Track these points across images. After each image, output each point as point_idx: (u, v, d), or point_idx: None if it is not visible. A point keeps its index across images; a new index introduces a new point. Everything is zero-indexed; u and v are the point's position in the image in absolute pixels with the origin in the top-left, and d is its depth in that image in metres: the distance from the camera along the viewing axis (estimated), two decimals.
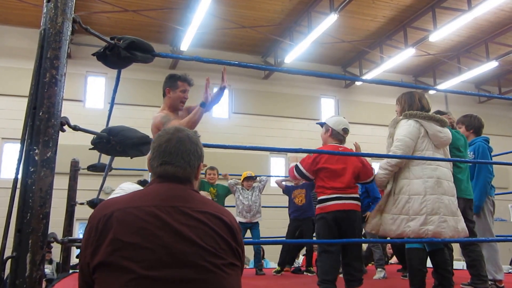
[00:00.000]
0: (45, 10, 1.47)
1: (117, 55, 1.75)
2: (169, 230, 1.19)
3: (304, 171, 3.07)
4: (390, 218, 2.75)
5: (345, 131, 3.24)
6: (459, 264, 5.93)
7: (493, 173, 3.58)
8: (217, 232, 1.25)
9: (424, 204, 2.64)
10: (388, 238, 3.11)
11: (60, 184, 3.26)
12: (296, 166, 3.12)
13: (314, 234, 3.65)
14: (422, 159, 2.75)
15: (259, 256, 5.38)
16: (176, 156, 1.35)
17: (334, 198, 2.96)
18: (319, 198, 3.10)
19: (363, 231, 5.27)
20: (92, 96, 10.91)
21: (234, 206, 5.41)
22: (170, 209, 1.23)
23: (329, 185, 2.99)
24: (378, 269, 4.63)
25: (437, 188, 2.67)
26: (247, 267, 6.75)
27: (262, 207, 5.50)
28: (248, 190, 5.40)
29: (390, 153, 2.82)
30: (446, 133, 2.86)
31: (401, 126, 2.86)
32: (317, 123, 3.43)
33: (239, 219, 5.24)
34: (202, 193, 5.12)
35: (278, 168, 11.83)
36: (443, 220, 2.62)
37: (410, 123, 2.83)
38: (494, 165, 3.71)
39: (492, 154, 4.05)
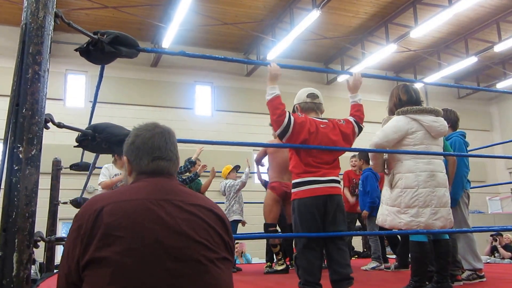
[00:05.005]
0: (25, 4, 1.43)
1: (101, 50, 1.72)
2: (161, 224, 1.16)
3: None
4: (386, 209, 2.82)
5: (312, 96, 2.95)
6: None
7: (469, 167, 3.59)
8: (210, 225, 1.23)
9: (416, 197, 2.68)
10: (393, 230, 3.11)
11: (42, 184, 3.18)
12: None
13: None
14: (401, 152, 2.78)
15: None
16: (166, 150, 1.34)
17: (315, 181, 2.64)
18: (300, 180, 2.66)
19: (356, 223, 5.33)
20: (72, 95, 10.70)
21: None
22: (162, 202, 1.21)
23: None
24: (372, 261, 4.67)
25: (430, 181, 2.71)
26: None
27: (245, 203, 5.48)
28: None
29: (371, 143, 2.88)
30: (442, 122, 2.88)
31: (389, 121, 2.90)
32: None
33: (238, 217, 5.16)
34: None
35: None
36: (434, 212, 2.69)
37: (398, 119, 2.84)
38: (472, 159, 3.75)
39: (471, 148, 4.08)
